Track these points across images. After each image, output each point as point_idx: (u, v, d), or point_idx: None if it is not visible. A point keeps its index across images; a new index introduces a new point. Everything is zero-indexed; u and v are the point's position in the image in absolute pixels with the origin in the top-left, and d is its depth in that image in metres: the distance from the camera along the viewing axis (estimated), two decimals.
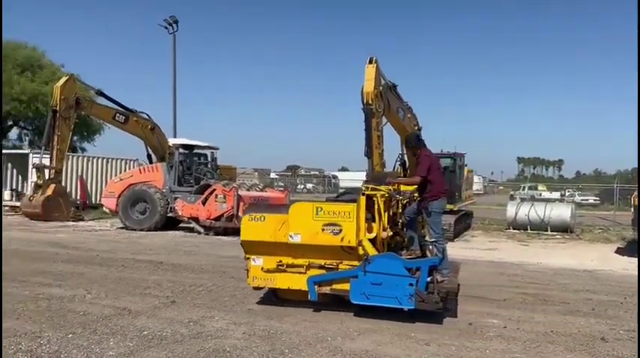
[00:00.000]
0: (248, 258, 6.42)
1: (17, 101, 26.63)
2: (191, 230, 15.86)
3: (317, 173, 63.82)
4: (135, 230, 15.96)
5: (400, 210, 7.48)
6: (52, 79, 26.33)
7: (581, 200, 38.02)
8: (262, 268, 6.33)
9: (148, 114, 19.83)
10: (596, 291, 8.22)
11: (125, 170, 22.51)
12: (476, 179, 40.21)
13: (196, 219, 15.58)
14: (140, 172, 18.14)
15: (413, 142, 7.55)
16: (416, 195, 7.34)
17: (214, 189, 15.49)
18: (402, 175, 16.77)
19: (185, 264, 9.84)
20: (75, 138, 27.52)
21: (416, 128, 16.07)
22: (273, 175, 56.70)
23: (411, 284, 5.74)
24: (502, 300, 7.35)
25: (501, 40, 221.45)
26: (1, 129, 25.36)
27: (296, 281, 6.24)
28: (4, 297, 6.74)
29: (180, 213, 15.91)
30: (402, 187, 7.30)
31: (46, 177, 18.02)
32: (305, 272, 6.20)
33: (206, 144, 18.61)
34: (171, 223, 16.63)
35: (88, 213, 20.24)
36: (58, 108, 17.74)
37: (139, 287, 7.56)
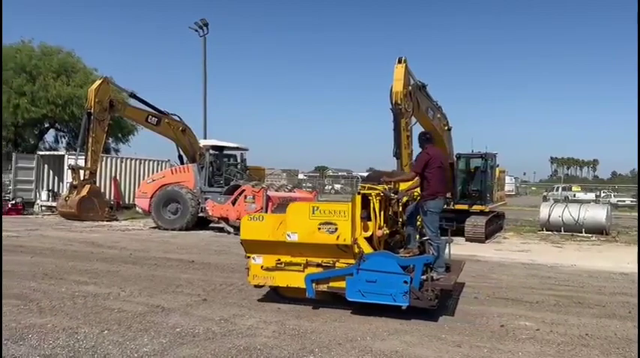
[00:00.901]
0: (248, 257, 6.59)
1: (53, 104, 27.37)
2: (221, 230, 16.05)
3: (345, 173, 63.79)
4: (167, 229, 16.24)
5: (401, 209, 7.51)
6: (86, 82, 26.98)
7: (617, 201, 37.01)
8: (262, 266, 6.49)
9: (179, 116, 20.17)
10: (632, 294, 7.99)
11: (157, 171, 22.91)
12: (508, 180, 39.51)
13: (226, 219, 15.76)
14: (172, 173, 18.47)
15: (422, 141, 7.41)
16: (416, 193, 7.36)
17: (244, 190, 15.64)
18: None
19: (216, 263, 9.98)
20: (109, 139, 28.12)
21: (446, 128, 15.95)
22: (301, 176, 56.94)
23: (405, 282, 5.84)
24: (535, 303, 7.23)
25: (535, 37, 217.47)
26: (0, 131, 26.02)
27: (294, 279, 6.39)
28: (42, 294, 6.97)
29: (210, 213, 16.12)
30: (402, 185, 7.34)
31: (81, 178, 18.48)
32: (303, 271, 6.35)
33: (235, 145, 18.81)
34: (201, 223, 16.88)
35: (122, 213, 20.67)
36: (92, 110, 18.18)
37: (172, 286, 7.70)
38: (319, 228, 6.08)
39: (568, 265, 11.03)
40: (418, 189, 7.29)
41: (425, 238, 6.99)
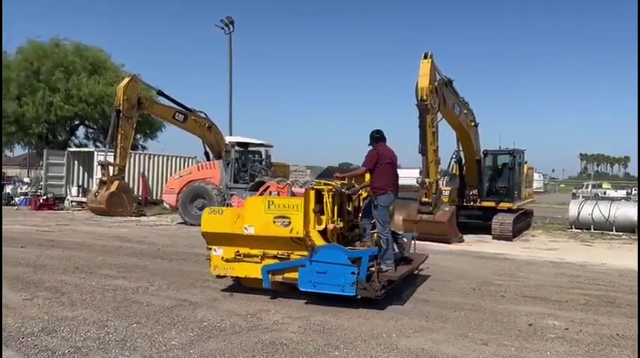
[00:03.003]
0: (210, 249, 6.85)
1: (85, 103, 27.95)
2: None
3: None
4: (194, 225, 16.39)
5: (362, 204, 7.81)
6: (115, 80, 27.44)
7: None
8: (222, 258, 6.78)
9: (205, 113, 20.38)
10: None
11: (184, 167, 23.19)
12: (536, 176, 38.82)
13: None
14: (198, 169, 18.70)
15: (373, 138, 7.43)
16: (362, 192, 7.69)
17: (268, 186, 15.67)
18: (457, 173, 16.51)
19: None
20: (138, 136, 28.55)
21: (472, 124, 15.74)
22: None
23: (353, 273, 6.07)
24: (564, 302, 7.10)
25: (564, 35, 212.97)
26: (0, 130, 26.62)
27: (252, 270, 6.65)
28: (73, 287, 7.13)
29: None
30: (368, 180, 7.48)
31: (110, 174, 18.82)
32: (260, 262, 6.58)
33: (260, 142, 18.92)
34: None
35: (150, 209, 21.00)
36: (121, 108, 18.50)
37: (199, 280, 7.79)
38: (274, 222, 6.34)
39: (598, 264, 10.80)
40: None
41: (376, 232, 7.22)
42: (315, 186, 6.89)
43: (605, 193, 38.63)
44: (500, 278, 8.85)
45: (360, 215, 7.74)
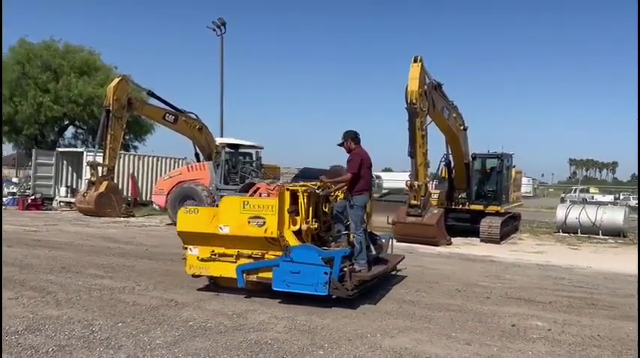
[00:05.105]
0: (186, 248, 6.88)
1: (74, 103, 27.80)
2: None
3: None
4: None
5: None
6: (106, 81, 27.35)
7: (637, 204, 36.40)
8: (198, 257, 6.83)
9: (196, 115, 20.35)
10: None
11: (174, 168, 23.11)
12: (525, 181, 39.04)
13: None
14: (188, 170, 18.64)
15: (350, 139, 7.43)
16: (339, 193, 7.78)
17: (258, 188, 15.67)
18: (446, 176, 16.61)
19: None
20: (127, 137, 28.48)
21: (461, 128, 15.86)
22: None
23: (325, 273, 6.15)
24: (547, 303, 7.19)
25: (553, 38, 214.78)
26: (0, 130, 26.51)
27: (227, 270, 6.70)
28: (59, 287, 7.11)
29: None
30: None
31: (99, 175, 18.72)
32: (235, 262, 6.63)
33: (251, 144, 18.91)
34: None
35: (139, 210, 20.89)
36: (111, 108, 18.42)
37: (186, 280, 7.75)
38: (249, 222, 6.41)
39: (583, 267, 10.92)
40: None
41: (351, 232, 7.25)
42: (290, 187, 6.95)
43: (592, 198, 39.03)
44: (487, 280, 8.93)
45: (333, 216, 7.77)
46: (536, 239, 16.47)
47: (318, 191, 7.25)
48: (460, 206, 16.26)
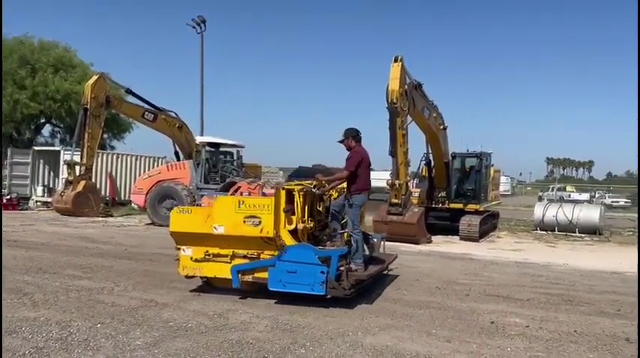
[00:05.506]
0: (179, 249, 6.80)
1: (52, 100, 27.34)
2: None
3: None
4: (162, 226, 16.21)
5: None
6: (84, 78, 26.95)
7: (612, 202, 37.15)
8: (191, 258, 6.72)
9: (175, 113, 20.18)
10: (623, 293, 8.08)
11: (153, 167, 22.88)
12: (503, 179, 39.65)
13: None
14: (168, 169, 18.49)
15: (350, 137, 7.38)
16: (333, 192, 7.80)
17: (239, 187, 15.64)
18: (426, 175, 16.75)
19: None
20: (105, 136, 28.12)
21: (441, 127, 15.99)
22: None
23: (322, 272, 6.14)
24: (525, 300, 7.30)
25: (530, 37, 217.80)
26: (0, 128, 26.02)
27: (222, 270, 6.63)
28: (36, 288, 6.99)
29: None
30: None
31: (77, 174, 18.46)
32: (230, 262, 6.57)
33: (232, 143, 18.84)
34: None
35: (117, 210, 20.66)
36: (88, 106, 18.17)
37: (166, 281, 7.72)
38: (244, 221, 6.33)
39: (560, 264, 11.12)
40: (343, 185, 7.59)
41: (347, 231, 7.27)
42: (286, 186, 6.89)
43: (569, 196, 39.73)
44: (466, 277, 9.03)
45: (330, 215, 7.78)
46: (515, 237, 16.71)
47: (314, 190, 7.23)
48: (440, 204, 16.42)
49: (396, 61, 13.25)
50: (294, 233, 6.63)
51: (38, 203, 22.04)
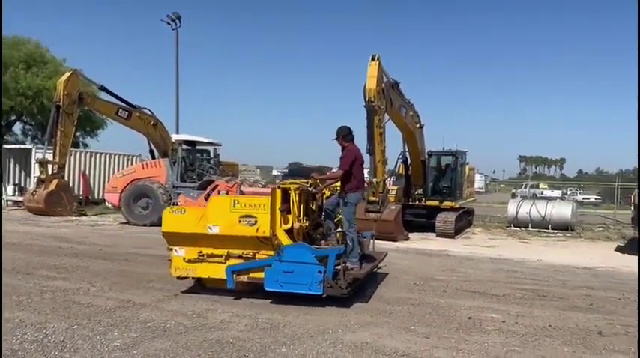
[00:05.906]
0: (171, 249, 6.67)
1: (23, 96, 26.71)
2: None
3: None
4: (137, 225, 16.04)
5: (324, 203, 7.91)
6: (56, 73, 26.40)
7: (583, 199, 38.05)
8: (184, 258, 6.60)
9: (150, 110, 19.86)
10: (595, 288, 8.29)
11: (128, 166, 22.56)
12: (477, 177, 40.08)
13: None
14: (143, 168, 18.24)
15: (343, 135, 7.42)
16: (326, 192, 7.81)
17: (217, 185, 15.51)
18: (403, 173, 16.89)
19: None
20: (78, 133, 27.60)
21: (418, 125, 16.13)
22: (275, 172, 56.72)
23: (319, 272, 6.12)
24: (501, 296, 7.43)
25: (504, 38, 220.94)
26: (0, 127, 25.40)
27: (216, 271, 6.54)
28: (9, 288, 6.83)
29: None
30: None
31: (49, 172, 18.08)
32: (225, 262, 6.50)
33: (208, 141, 18.68)
34: None
35: (91, 209, 20.32)
36: (61, 103, 17.80)
37: (143, 281, 7.64)
38: (240, 221, 6.25)
39: (534, 260, 11.33)
40: (337, 184, 7.62)
41: (343, 230, 7.30)
42: (282, 185, 6.82)
43: (542, 193, 40.48)
44: (443, 274, 9.15)
45: (324, 214, 7.73)
46: (489, 233, 16.98)
47: (309, 188, 7.20)
48: (417, 202, 16.57)
49: (373, 59, 13.30)
50: (289, 232, 6.56)
51: (9, 202, 21.54)
